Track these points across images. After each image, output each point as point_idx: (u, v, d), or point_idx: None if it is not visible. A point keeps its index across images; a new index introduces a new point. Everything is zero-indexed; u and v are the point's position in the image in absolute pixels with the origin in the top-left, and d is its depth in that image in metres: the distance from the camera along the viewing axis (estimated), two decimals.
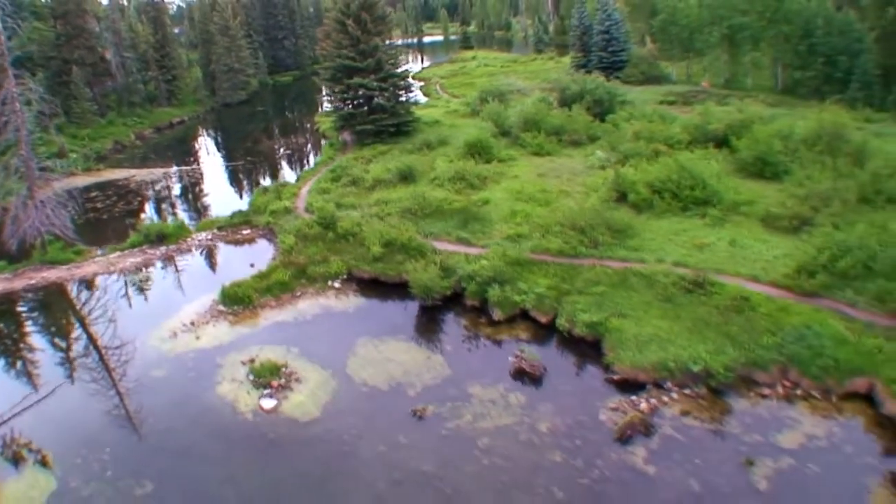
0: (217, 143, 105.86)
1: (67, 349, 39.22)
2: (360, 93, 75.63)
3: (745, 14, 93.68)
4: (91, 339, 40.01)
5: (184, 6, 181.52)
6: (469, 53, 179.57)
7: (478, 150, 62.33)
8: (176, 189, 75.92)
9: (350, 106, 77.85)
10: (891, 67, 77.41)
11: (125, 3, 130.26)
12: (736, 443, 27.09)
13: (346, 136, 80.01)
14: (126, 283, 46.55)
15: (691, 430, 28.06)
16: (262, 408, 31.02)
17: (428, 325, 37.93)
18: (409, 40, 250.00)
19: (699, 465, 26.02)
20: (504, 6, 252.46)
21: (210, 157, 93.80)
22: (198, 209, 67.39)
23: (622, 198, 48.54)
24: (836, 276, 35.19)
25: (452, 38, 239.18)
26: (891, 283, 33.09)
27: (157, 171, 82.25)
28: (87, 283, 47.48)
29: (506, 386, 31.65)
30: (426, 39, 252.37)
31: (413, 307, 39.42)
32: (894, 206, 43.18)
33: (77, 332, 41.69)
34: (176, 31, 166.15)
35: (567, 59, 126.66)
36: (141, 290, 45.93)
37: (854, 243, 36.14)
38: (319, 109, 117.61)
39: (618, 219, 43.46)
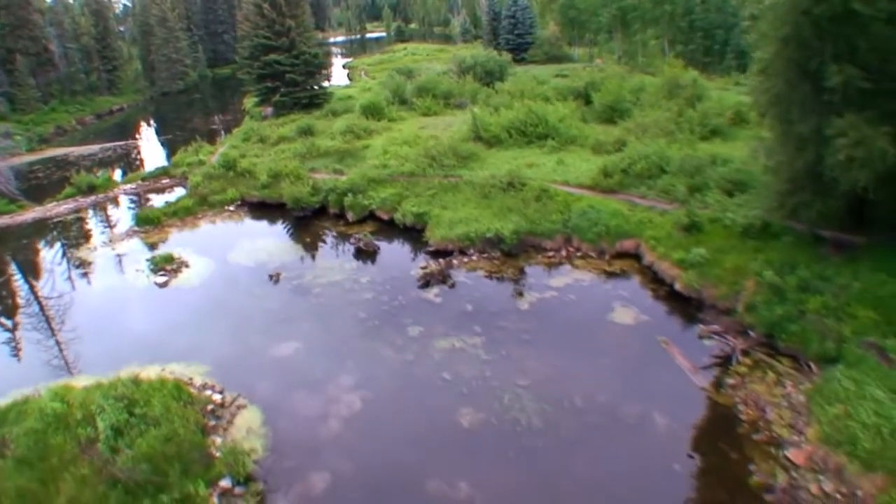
0: (153, 125, 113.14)
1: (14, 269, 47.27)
2: (276, 69, 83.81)
3: None
4: (34, 257, 48.21)
5: (129, 5, 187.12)
6: (401, 45, 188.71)
7: (371, 112, 71.15)
8: (111, 158, 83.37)
9: (268, 82, 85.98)
10: None
11: None
12: (515, 285, 36.27)
13: (267, 110, 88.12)
14: (60, 222, 54.30)
15: (480, 279, 37.29)
16: (156, 283, 39.56)
17: (298, 229, 47.05)
18: (353, 37, 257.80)
19: (478, 297, 35.19)
20: (443, 3, 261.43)
21: (145, 135, 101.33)
22: (128, 170, 74.95)
23: (479, 137, 57.47)
24: (632, 176, 44.66)
25: (396, 34, 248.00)
26: (674, 179, 42.36)
27: (95, 147, 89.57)
28: (28, 226, 55.03)
29: (345, 260, 40.74)
30: (370, 35, 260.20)
31: (290, 219, 48.19)
32: (718, 136, 52.46)
33: (21, 256, 49.51)
34: (121, 28, 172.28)
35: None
36: (72, 226, 53.75)
37: (650, 152, 45.51)
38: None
39: (465, 149, 52.69)
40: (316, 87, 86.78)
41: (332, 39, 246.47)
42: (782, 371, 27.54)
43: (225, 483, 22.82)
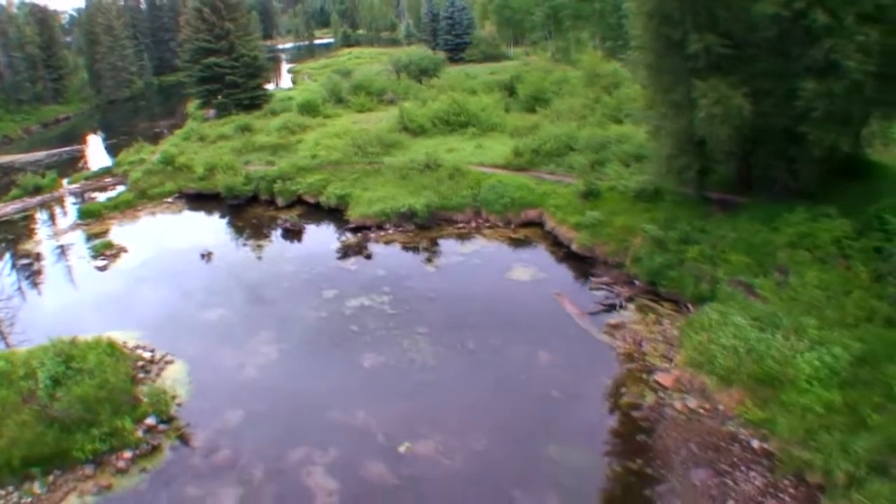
0: (99, 132, 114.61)
1: None
2: (217, 72, 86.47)
3: None
4: None
5: (76, 15, 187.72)
6: (347, 50, 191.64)
7: (307, 109, 74.40)
8: (57, 163, 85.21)
9: (209, 84, 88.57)
10: None
11: (14, 8, 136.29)
12: (426, 254, 39.83)
13: (210, 112, 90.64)
14: (7, 221, 56.65)
15: (395, 249, 40.95)
16: (96, 267, 42.49)
17: (232, 215, 50.36)
18: (302, 43, 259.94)
19: (391, 264, 38.77)
20: (389, 9, 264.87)
21: (91, 141, 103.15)
22: (74, 172, 76.83)
23: (406, 128, 60.95)
24: (542, 155, 48.61)
25: (343, 40, 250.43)
26: (580, 156, 46.20)
27: (41, 154, 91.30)
28: None
29: (273, 239, 44.08)
30: (319, 42, 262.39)
31: (225, 207, 51.26)
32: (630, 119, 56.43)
33: None
34: (67, 38, 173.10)
35: None
36: (19, 223, 56.15)
37: (560, 133, 49.38)
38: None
39: (390, 138, 56.38)
40: (256, 89, 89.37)
41: (280, 46, 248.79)
42: (662, 312, 31.44)
43: (150, 421, 25.96)
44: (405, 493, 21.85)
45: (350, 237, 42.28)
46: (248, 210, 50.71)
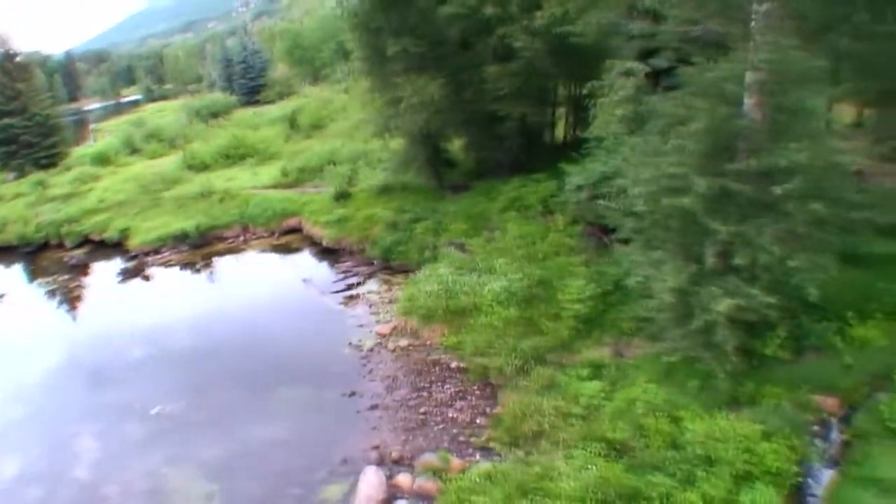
0: None
1: None
2: (11, 133, 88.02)
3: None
4: None
5: None
6: (153, 105, 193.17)
7: (100, 160, 78.03)
8: None
9: (6, 146, 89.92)
10: None
11: None
12: (200, 266, 44.99)
13: (10, 175, 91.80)
14: None
15: (174, 268, 45.96)
16: None
17: (25, 261, 53.60)
18: (109, 102, 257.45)
19: (168, 279, 43.60)
20: (195, 60, 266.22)
21: None
22: None
23: (190, 166, 66.04)
24: (307, 172, 55.11)
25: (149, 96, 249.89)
26: (340, 168, 52.38)
27: None
28: None
29: (59, 276, 48.20)
30: (126, 99, 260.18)
31: (19, 255, 54.70)
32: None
33: None
34: None
35: None
36: None
37: (325, 151, 56.34)
38: None
39: (173, 175, 61.45)
40: (52, 147, 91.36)
41: (87, 107, 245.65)
42: (395, 282, 38.02)
43: None
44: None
45: (131, 263, 47.04)
46: (41, 254, 54.29)
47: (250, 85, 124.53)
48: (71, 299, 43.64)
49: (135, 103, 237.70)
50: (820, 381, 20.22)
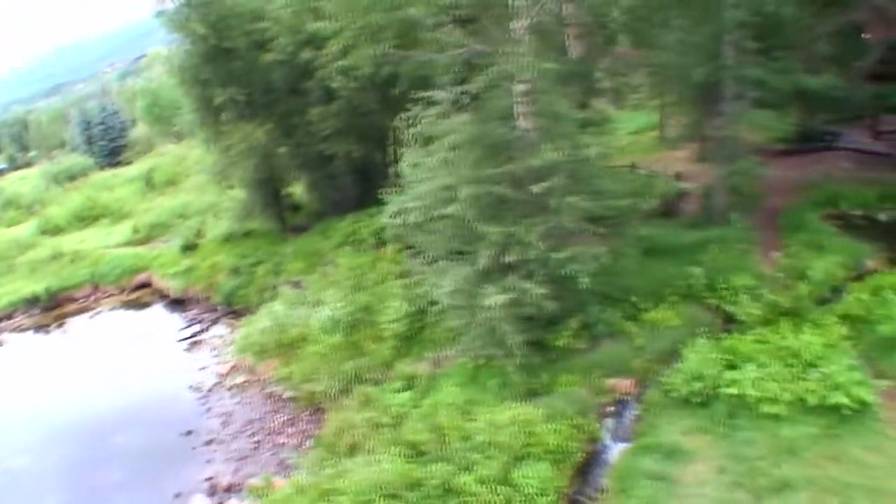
0: None
1: None
2: None
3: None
4: None
5: None
6: (14, 174, 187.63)
7: None
8: None
9: None
10: None
11: None
12: (56, 329, 44.74)
13: None
14: None
15: (28, 333, 45.29)
16: None
17: None
18: None
19: (22, 345, 43.22)
20: (59, 125, 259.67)
21: None
22: None
23: (44, 231, 65.33)
24: (159, 227, 55.51)
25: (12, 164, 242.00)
26: (191, 221, 53.00)
27: None
28: None
29: None
30: None
31: None
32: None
33: None
34: None
35: None
36: None
37: (176, 205, 56.90)
38: None
39: (28, 241, 60.89)
40: None
41: None
42: (237, 324, 38.57)
43: None
44: None
45: None
46: None
47: (111, 146, 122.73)
48: None
49: None
50: (614, 365, 22.16)
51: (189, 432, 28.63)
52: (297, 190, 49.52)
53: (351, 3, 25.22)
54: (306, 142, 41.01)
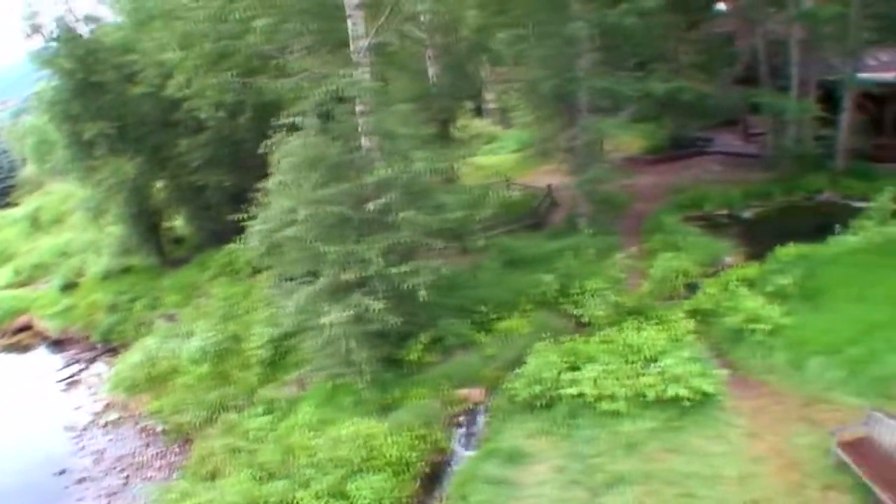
0: None
1: None
2: None
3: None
4: None
5: None
6: None
7: None
8: None
9: None
10: None
11: None
12: None
13: None
14: None
15: None
16: None
17: None
18: None
19: None
20: None
21: None
22: None
23: None
24: (41, 268, 54.03)
25: None
26: (73, 259, 51.50)
27: None
28: None
29: None
30: None
31: None
32: None
33: None
34: None
35: None
36: None
37: (57, 244, 55.53)
38: None
39: None
40: None
41: None
42: (115, 362, 37.38)
43: None
44: None
45: None
46: None
47: (1, 186, 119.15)
48: None
49: None
50: (465, 375, 22.61)
51: (62, 472, 27.96)
52: (179, 223, 48.85)
53: (189, 34, 25.33)
54: (179, 173, 40.79)
